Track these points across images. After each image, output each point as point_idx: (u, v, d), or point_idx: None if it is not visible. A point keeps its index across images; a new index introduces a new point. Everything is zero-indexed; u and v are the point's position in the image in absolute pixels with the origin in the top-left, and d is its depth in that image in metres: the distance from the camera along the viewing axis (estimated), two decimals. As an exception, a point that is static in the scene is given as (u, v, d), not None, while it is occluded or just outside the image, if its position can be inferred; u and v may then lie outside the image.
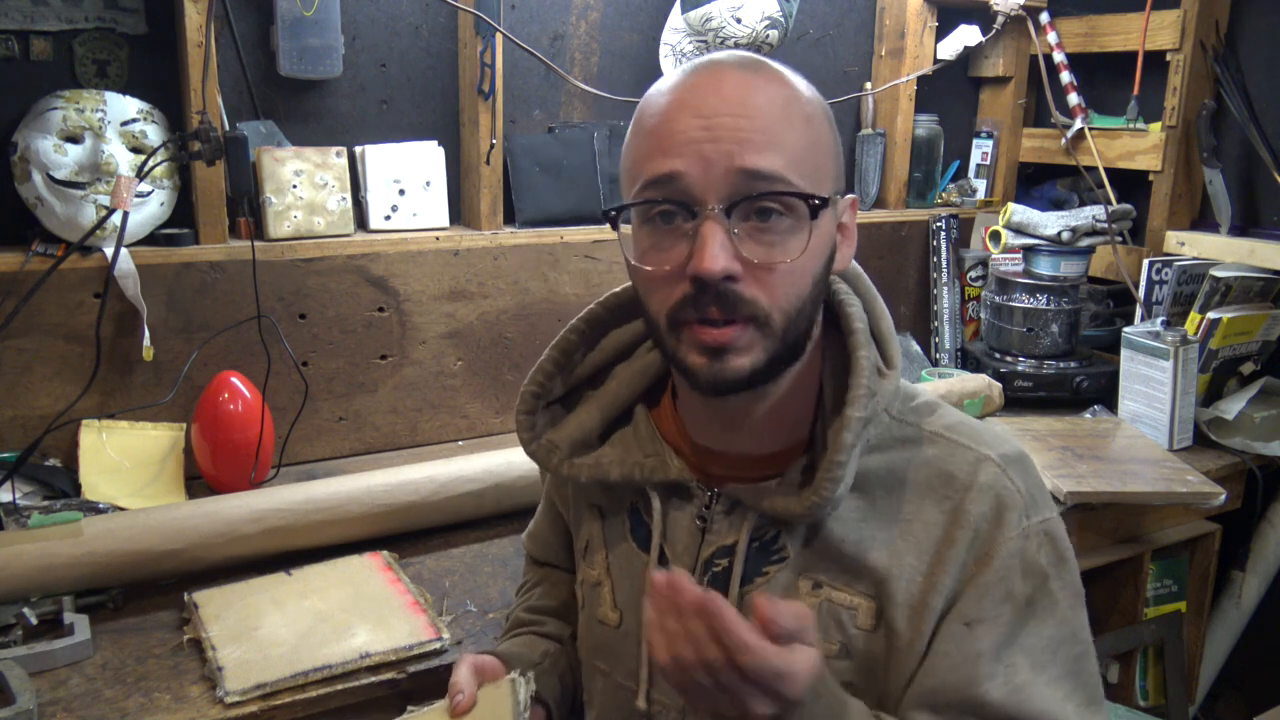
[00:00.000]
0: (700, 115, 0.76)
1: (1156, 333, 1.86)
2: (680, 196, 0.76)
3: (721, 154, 0.75)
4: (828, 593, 0.84)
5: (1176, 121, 2.07)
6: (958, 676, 0.80)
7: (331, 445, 1.72)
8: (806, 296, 0.79)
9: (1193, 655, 1.97)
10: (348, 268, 1.67)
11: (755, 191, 0.75)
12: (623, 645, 0.94)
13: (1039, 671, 0.81)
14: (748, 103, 0.76)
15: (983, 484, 0.82)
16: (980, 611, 0.80)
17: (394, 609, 1.23)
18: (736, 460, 0.89)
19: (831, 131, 0.82)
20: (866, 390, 0.81)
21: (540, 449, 0.94)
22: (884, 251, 2.25)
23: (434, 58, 1.79)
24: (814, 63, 2.19)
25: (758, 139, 0.75)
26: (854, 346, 0.83)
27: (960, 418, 0.88)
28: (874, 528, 0.83)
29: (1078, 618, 0.84)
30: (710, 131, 0.75)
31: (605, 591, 0.95)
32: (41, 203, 1.45)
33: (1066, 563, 0.84)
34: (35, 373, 1.48)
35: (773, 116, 0.76)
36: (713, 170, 0.75)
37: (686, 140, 0.76)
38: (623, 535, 0.94)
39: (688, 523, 0.90)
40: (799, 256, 0.77)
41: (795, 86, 0.80)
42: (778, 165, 0.75)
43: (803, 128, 0.78)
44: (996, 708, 0.79)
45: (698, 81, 0.78)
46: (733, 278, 0.75)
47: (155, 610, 1.24)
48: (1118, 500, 1.61)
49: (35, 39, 1.49)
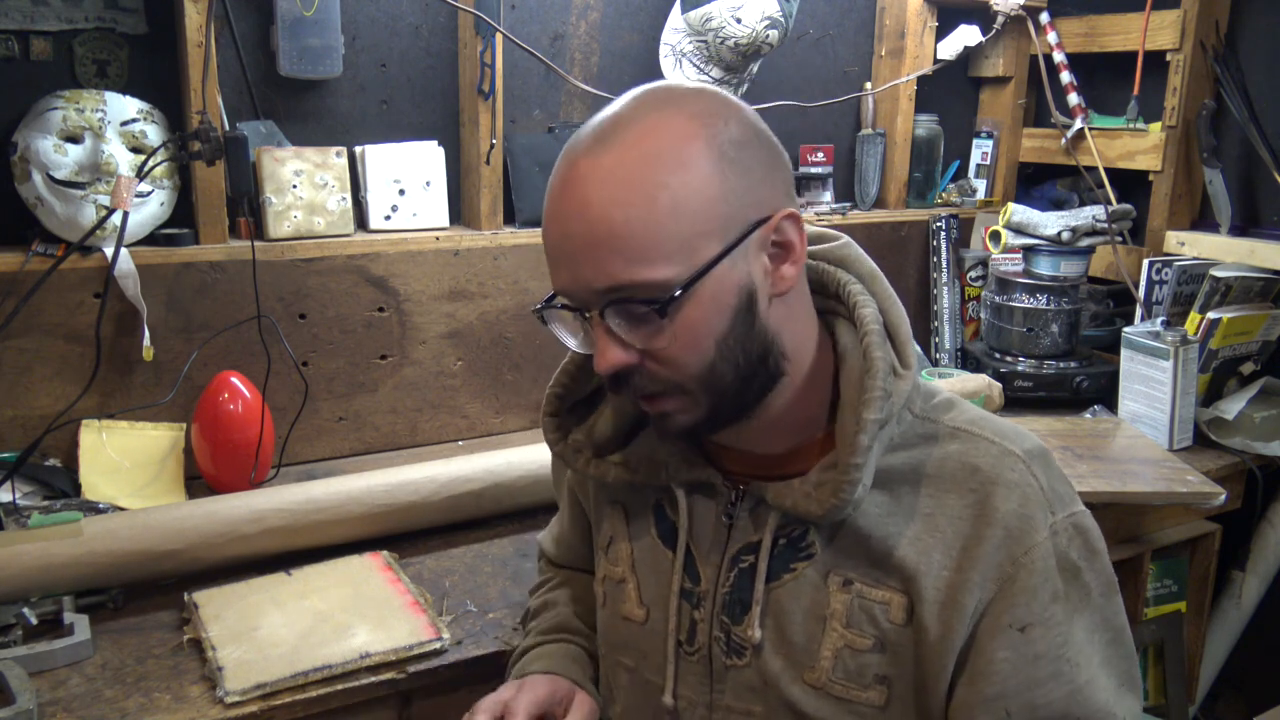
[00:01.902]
0: (560, 229, 0.78)
1: (1156, 333, 1.86)
2: (572, 304, 0.81)
3: (577, 274, 0.78)
4: (859, 589, 0.84)
5: (1176, 121, 2.07)
6: (1019, 680, 0.81)
7: (331, 445, 1.72)
8: (715, 358, 0.80)
9: (1193, 655, 1.97)
10: (348, 268, 1.67)
11: (612, 300, 0.78)
12: (649, 641, 0.94)
13: (1091, 665, 0.83)
14: (586, 212, 0.76)
15: (1010, 481, 0.82)
16: (1031, 615, 0.81)
17: (394, 609, 1.23)
18: (758, 458, 0.89)
19: (731, 166, 0.77)
20: (882, 392, 0.81)
21: (567, 449, 0.96)
22: (884, 251, 2.25)
23: (434, 58, 1.79)
24: (814, 63, 2.19)
25: (599, 255, 0.76)
26: (869, 348, 0.83)
27: (981, 413, 0.89)
28: (899, 523, 0.84)
29: (1110, 604, 0.86)
30: (566, 249, 0.78)
31: (630, 588, 0.96)
32: (41, 203, 1.45)
33: (1098, 554, 0.85)
34: (35, 373, 1.48)
35: (611, 219, 0.75)
36: (579, 287, 0.79)
37: (557, 257, 0.80)
38: (647, 532, 0.95)
39: (713, 519, 0.91)
40: (672, 342, 0.78)
41: (646, 156, 0.76)
42: (621, 275, 0.76)
43: (654, 208, 0.75)
44: (1060, 705, 0.81)
45: (558, 181, 0.79)
46: (631, 366, 0.80)
47: (155, 610, 1.24)
48: (1118, 500, 1.61)
49: (35, 39, 1.49)
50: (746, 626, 0.87)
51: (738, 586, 0.88)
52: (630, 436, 0.95)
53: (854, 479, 0.80)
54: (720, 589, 0.89)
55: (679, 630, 0.92)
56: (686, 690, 0.92)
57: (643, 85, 0.83)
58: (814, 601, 0.85)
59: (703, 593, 0.90)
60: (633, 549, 0.96)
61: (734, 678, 0.89)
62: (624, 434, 0.95)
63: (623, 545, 0.97)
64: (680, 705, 0.92)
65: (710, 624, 0.90)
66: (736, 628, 0.88)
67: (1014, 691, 0.81)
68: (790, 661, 0.86)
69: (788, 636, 0.86)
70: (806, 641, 0.86)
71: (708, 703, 0.91)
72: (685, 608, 0.91)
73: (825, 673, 0.85)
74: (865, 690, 0.84)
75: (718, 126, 0.78)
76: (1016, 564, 0.81)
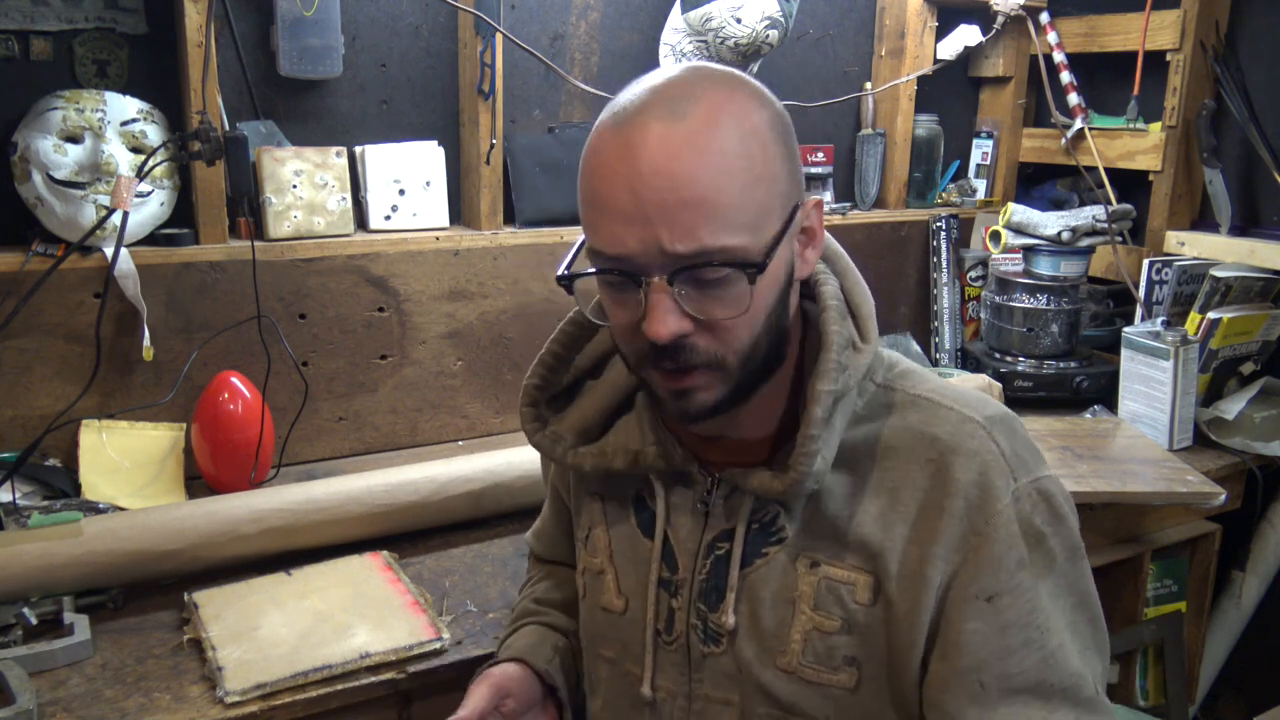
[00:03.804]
0: (630, 190, 0.75)
1: (1157, 333, 1.86)
2: (626, 268, 0.78)
3: (653, 236, 0.75)
4: (825, 570, 0.85)
5: (1176, 121, 2.07)
6: (990, 650, 0.81)
7: (331, 445, 1.72)
8: (761, 332, 0.80)
9: (1193, 655, 1.97)
10: (348, 268, 1.67)
11: (691, 264, 0.76)
12: (628, 632, 0.95)
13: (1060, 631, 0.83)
14: (673, 173, 0.74)
15: (969, 449, 0.82)
16: (998, 584, 0.81)
17: (394, 609, 1.23)
18: (734, 445, 0.90)
19: (780, 148, 0.79)
20: (836, 364, 0.82)
21: (545, 440, 0.96)
22: (884, 251, 2.25)
23: (434, 58, 1.79)
24: (814, 63, 2.19)
25: (686, 217, 0.74)
26: (825, 322, 0.84)
27: (943, 382, 0.89)
28: (865, 500, 0.84)
29: (1075, 569, 0.85)
30: (640, 209, 0.75)
31: (609, 579, 0.96)
32: (41, 203, 1.45)
33: (1062, 519, 0.85)
34: (35, 373, 1.48)
35: (701, 183, 0.74)
36: (649, 250, 0.75)
37: (622, 218, 0.76)
38: (626, 522, 0.95)
39: (690, 508, 0.91)
40: (745, 311, 0.78)
41: (725, 126, 0.76)
42: (709, 239, 0.75)
43: (738, 177, 0.76)
44: (1033, 674, 0.81)
45: (627, 142, 0.76)
46: (684, 336, 0.78)
47: (155, 610, 1.24)
48: (1118, 500, 1.61)
49: (35, 39, 1.49)
50: (721, 613, 0.88)
51: (714, 574, 0.89)
52: (607, 427, 0.96)
53: (810, 450, 0.80)
54: (697, 577, 0.90)
55: (658, 619, 0.92)
56: (665, 681, 0.92)
57: (680, 64, 0.83)
58: (783, 585, 0.86)
59: (680, 581, 0.91)
60: (610, 539, 0.96)
61: (711, 666, 0.90)
62: (603, 423, 0.96)
63: (601, 536, 0.97)
64: (659, 696, 0.93)
65: (688, 612, 0.90)
66: (713, 615, 0.89)
67: (986, 662, 0.81)
68: (762, 647, 0.87)
69: (760, 622, 0.87)
70: (777, 626, 0.86)
71: (686, 693, 0.92)
72: (663, 597, 0.92)
73: (795, 656, 0.85)
74: (835, 673, 0.85)
75: (771, 108, 0.81)
76: (980, 534, 0.81)
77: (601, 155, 0.77)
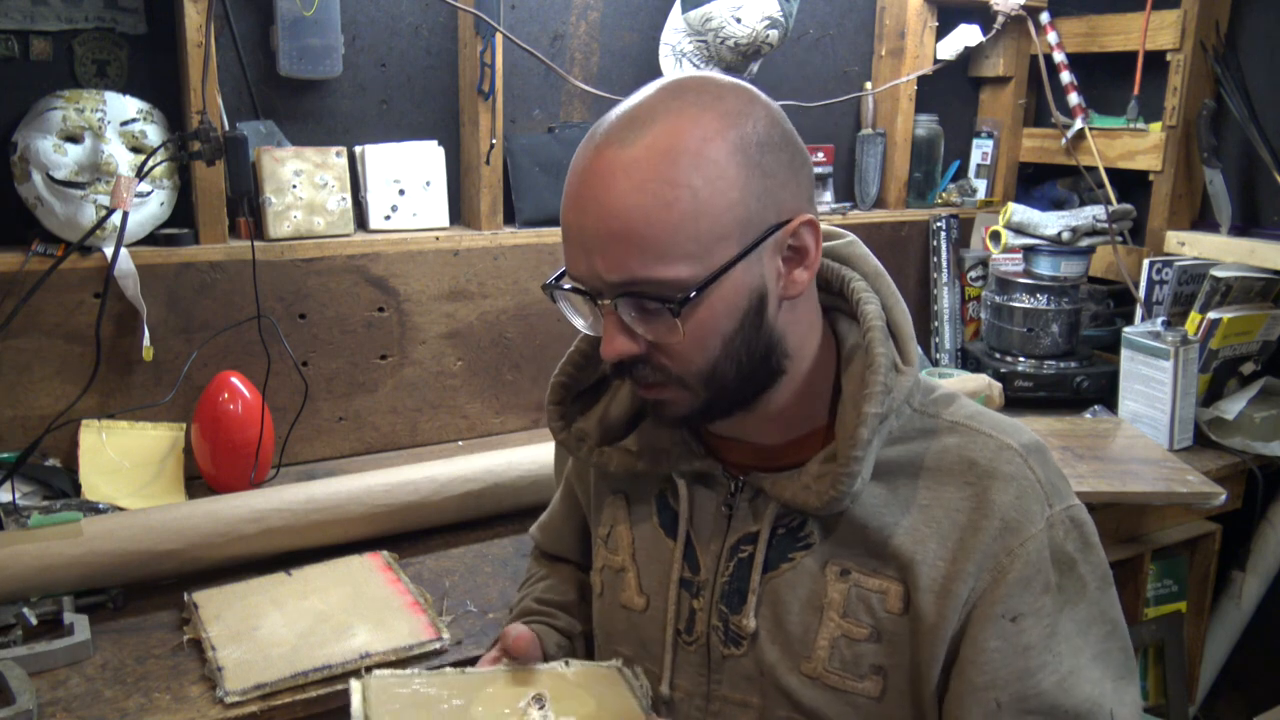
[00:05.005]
0: (577, 216, 0.78)
1: (1157, 333, 1.86)
2: (585, 288, 0.81)
3: (592, 264, 0.78)
4: (856, 578, 0.85)
5: (1177, 121, 2.07)
6: (1010, 670, 0.81)
7: (331, 445, 1.72)
8: (720, 356, 0.80)
9: (1193, 655, 1.97)
10: (348, 268, 1.67)
11: (624, 293, 0.78)
12: (648, 630, 0.95)
13: (1077, 656, 0.83)
14: (607, 204, 0.76)
15: (1007, 474, 0.83)
16: (1023, 605, 0.81)
17: (394, 609, 1.23)
18: (758, 449, 0.90)
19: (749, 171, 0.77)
20: (883, 387, 0.82)
21: (570, 438, 0.97)
22: (884, 251, 2.24)
23: (434, 58, 1.79)
24: (814, 63, 2.19)
25: (615, 249, 0.76)
26: (871, 343, 0.84)
27: (979, 408, 0.90)
28: (896, 513, 0.84)
29: (1105, 597, 0.86)
30: (582, 236, 0.78)
31: (630, 577, 0.96)
32: (41, 203, 1.45)
33: (1093, 547, 0.86)
34: (35, 373, 1.48)
35: (631, 215, 0.75)
36: (592, 275, 0.79)
37: (573, 242, 0.80)
38: (649, 521, 0.96)
39: (713, 509, 0.92)
40: (681, 339, 0.79)
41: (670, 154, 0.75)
42: (639, 270, 0.76)
43: (676, 208, 0.75)
44: (1049, 697, 0.81)
45: (581, 166, 0.79)
46: (636, 356, 0.80)
47: (155, 610, 1.24)
48: (1118, 500, 1.61)
49: (35, 39, 1.49)
50: (743, 616, 0.88)
51: (736, 576, 0.89)
52: (632, 427, 0.96)
53: (853, 471, 0.81)
54: (719, 578, 0.90)
55: (678, 619, 0.92)
56: (684, 681, 0.93)
57: (674, 75, 0.83)
58: (811, 591, 0.86)
59: (702, 582, 0.91)
60: (634, 537, 0.97)
61: (731, 667, 0.90)
62: (628, 422, 0.97)
63: (624, 534, 0.98)
64: (677, 696, 0.93)
65: (709, 613, 0.91)
66: (734, 617, 0.89)
67: (1005, 681, 0.81)
68: (786, 651, 0.87)
69: (784, 626, 0.87)
70: (803, 632, 0.86)
71: (705, 693, 0.92)
72: (684, 597, 0.92)
73: (821, 662, 0.85)
74: (861, 681, 0.85)
75: (745, 127, 0.78)
76: (1011, 554, 0.81)
77: (569, 176, 0.81)
